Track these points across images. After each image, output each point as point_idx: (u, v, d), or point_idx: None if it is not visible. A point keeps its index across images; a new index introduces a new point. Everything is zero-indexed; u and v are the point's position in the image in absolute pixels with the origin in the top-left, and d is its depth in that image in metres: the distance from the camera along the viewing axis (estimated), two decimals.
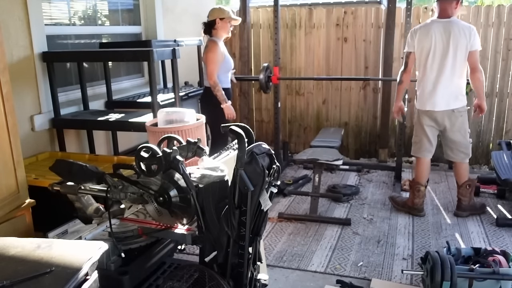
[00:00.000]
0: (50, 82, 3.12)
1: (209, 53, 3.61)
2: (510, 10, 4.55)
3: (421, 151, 3.54)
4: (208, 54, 3.61)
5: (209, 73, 3.61)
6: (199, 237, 1.66)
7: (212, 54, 3.60)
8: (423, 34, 3.36)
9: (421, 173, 3.57)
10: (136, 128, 3.08)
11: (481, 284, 2.26)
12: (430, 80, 3.38)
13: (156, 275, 1.88)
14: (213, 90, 3.61)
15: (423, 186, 3.57)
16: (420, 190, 3.56)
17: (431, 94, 3.38)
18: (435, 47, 3.32)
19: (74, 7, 3.73)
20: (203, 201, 1.61)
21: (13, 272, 1.20)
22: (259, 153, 1.59)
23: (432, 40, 3.32)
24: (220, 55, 3.64)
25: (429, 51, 3.34)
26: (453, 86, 3.36)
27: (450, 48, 3.28)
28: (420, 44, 3.38)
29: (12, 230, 1.95)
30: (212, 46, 3.62)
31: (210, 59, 3.60)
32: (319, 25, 5.18)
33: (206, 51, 3.65)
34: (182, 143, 1.92)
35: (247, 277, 1.66)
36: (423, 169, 3.56)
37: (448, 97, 3.36)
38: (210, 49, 3.62)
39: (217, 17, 3.66)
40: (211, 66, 3.59)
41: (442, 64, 3.32)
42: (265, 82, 4.44)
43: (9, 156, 1.99)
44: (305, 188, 4.33)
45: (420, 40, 3.38)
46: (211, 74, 3.59)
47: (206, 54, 3.63)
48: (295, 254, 3.06)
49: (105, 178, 1.78)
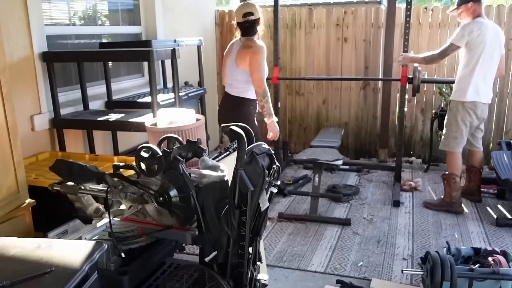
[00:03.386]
0: (50, 82, 3.11)
1: (258, 56, 3.06)
2: (510, 10, 4.55)
3: (459, 146, 3.63)
4: (256, 57, 3.06)
5: (258, 79, 3.07)
6: (199, 237, 1.66)
7: (260, 57, 3.07)
8: (483, 32, 3.44)
9: (457, 166, 3.66)
10: (136, 128, 3.08)
11: (481, 284, 2.26)
12: (482, 75, 3.50)
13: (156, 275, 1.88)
14: (261, 100, 3.10)
15: (458, 177, 3.64)
16: (456, 181, 3.63)
17: (478, 86, 3.51)
18: (491, 46, 3.46)
19: (74, 7, 3.73)
20: (203, 201, 1.61)
21: (13, 272, 1.20)
22: (259, 153, 1.59)
23: (488, 38, 3.44)
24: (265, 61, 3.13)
25: (485, 48, 3.44)
26: (492, 83, 3.62)
27: (496, 49, 3.49)
28: (478, 39, 3.44)
29: (12, 230, 1.95)
30: (260, 48, 3.10)
31: (259, 64, 3.06)
32: (319, 25, 5.18)
33: (252, 53, 3.09)
34: (182, 143, 1.92)
35: (247, 277, 1.66)
36: (459, 162, 3.67)
37: (490, 92, 3.60)
38: (257, 51, 3.08)
39: (258, 16, 3.14)
40: (260, 72, 3.06)
41: (491, 61, 3.51)
42: None
43: (9, 156, 1.99)
44: (305, 188, 4.33)
45: (480, 36, 3.43)
46: (261, 80, 3.06)
47: (253, 57, 3.07)
48: (295, 254, 3.06)
49: (105, 178, 1.78)
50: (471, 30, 3.44)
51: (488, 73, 3.52)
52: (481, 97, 3.53)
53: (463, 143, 3.64)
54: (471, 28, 3.44)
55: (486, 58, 3.47)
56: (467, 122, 3.57)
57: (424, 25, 4.81)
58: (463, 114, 3.55)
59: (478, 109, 3.54)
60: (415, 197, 4.07)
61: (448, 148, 3.67)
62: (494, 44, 3.47)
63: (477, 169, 3.84)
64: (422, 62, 3.79)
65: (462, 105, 3.54)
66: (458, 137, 3.60)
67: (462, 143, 3.63)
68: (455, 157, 3.65)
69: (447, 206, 3.68)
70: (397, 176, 4.38)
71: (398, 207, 3.84)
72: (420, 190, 4.23)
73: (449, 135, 3.64)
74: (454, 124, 3.61)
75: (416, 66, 4.03)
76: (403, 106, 4.35)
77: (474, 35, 3.43)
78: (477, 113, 3.55)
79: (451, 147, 3.64)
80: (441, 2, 12.70)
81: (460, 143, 3.62)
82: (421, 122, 5.09)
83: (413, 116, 5.10)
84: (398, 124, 4.67)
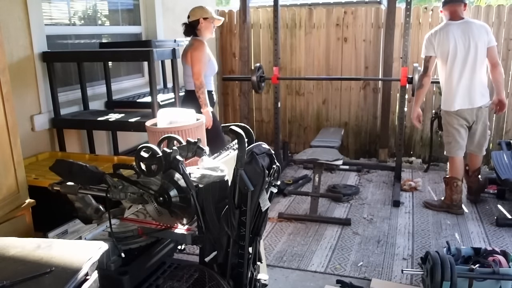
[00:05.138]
0: (50, 82, 3.12)
1: (196, 52, 3.37)
2: (510, 10, 4.55)
3: (454, 150, 3.60)
4: (195, 53, 3.37)
5: (195, 73, 3.35)
6: (199, 237, 1.66)
7: (199, 53, 3.37)
8: (443, 37, 3.43)
9: (457, 170, 3.63)
10: (136, 128, 3.08)
11: (481, 284, 2.26)
12: (455, 81, 3.46)
13: (156, 275, 1.88)
14: (197, 91, 3.34)
15: (460, 181, 3.63)
16: (458, 185, 3.62)
17: (458, 94, 3.47)
18: (456, 48, 3.41)
19: (74, 7, 3.73)
20: (203, 201, 1.61)
21: (13, 272, 1.20)
22: (259, 153, 1.59)
23: (452, 41, 3.40)
24: (206, 56, 3.43)
25: (451, 52, 3.42)
26: (477, 84, 3.47)
27: (471, 48, 3.40)
28: (441, 47, 3.44)
29: (12, 230, 1.95)
30: (199, 45, 3.40)
31: (197, 58, 3.35)
32: (319, 25, 5.18)
33: (192, 49, 3.40)
34: (182, 143, 1.92)
35: (247, 277, 1.66)
36: (458, 166, 3.64)
37: (474, 95, 3.47)
38: (196, 47, 3.39)
39: (200, 16, 3.43)
40: (198, 65, 3.35)
41: (465, 63, 3.43)
42: (257, 82, 4.47)
43: (9, 156, 1.99)
44: (305, 188, 4.33)
45: (441, 43, 3.44)
46: (198, 73, 3.34)
47: (192, 52, 3.38)
48: (295, 254, 3.06)
49: (105, 178, 1.78)
50: (430, 39, 3.50)
51: (467, 75, 3.43)
52: (465, 103, 3.46)
53: (460, 147, 3.58)
54: (434, 35, 3.49)
55: (459, 61, 3.42)
56: (455, 126, 3.53)
57: (424, 25, 4.81)
58: (450, 119, 3.56)
59: (465, 114, 3.50)
60: (415, 197, 4.07)
61: (447, 153, 3.68)
62: (465, 44, 3.39)
63: (473, 173, 3.80)
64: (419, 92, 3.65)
65: (447, 113, 3.56)
66: (452, 142, 3.58)
67: (458, 147, 3.58)
68: (454, 161, 3.63)
69: (447, 208, 3.68)
70: (397, 176, 4.37)
71: (398, 207, 3.83)
72: (420, 190, 4.23)
73: (445, 141, 3.68)
74: (445, 130, 3.64)
75: (416, 66, 4.03)
76: (403, 106, 4.35)
77: (435, 43, 3.46)
78: (464, 117, 3.51)
79: (448, 152, 3.66)
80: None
81: (454, 147, 3.58)
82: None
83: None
84: (398, 124, 4.67)
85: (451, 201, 3.66)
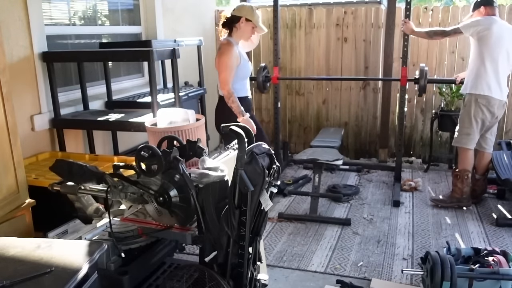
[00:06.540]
0: (50, 82, 3.11)
1: (222, 57, 3.07)
2: (510, 10, 4.55)
3: (471, 143, 3.62)
4: (221, 59, 3.07)
5: (221, 81, 3.09)
6: (199, 237, 1.66)
7: (225, 58, 3.05)
8: (492, 27, 3.44)
9: (470, 162, 3.67)
10: (136, 128, 3.08)
11: (481, 284, 2.26)
12: (493, 70, 3.48)
13: (156, 275, 1.88)
14: (227, 101, 3.07)
15: (470, 173, 3.66)
16: (468, 177, 3.65)
17: (494, 83, 3.49)
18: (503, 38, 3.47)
19: (74, 7, 3.73)
20: (203, 201, 1.61)
21: (13, 272, 1.20)
22: (259, 153, 1.59)
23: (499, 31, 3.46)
24: (235, 59, 3.10)
25: (500, 44, 3.46)
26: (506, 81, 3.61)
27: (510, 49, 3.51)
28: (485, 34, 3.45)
29: (12, 230, 1.95)
30: (226, 49, 3.08)
31: (223, 64, 3.06)
32: (319, 25, 5.18)
33: (218, 54, 3.11)
34: (182, 143, 1.92)
35: (247, 277, 1.66)
36: (471, 158, 3.67)
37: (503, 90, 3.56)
38: (223, 52, 3.08)
39: (244, 16, 3.10)
40: (224, 73, 3.05)
41: (509, 58, 3.52)
42: (262, 82, 4.45)
43: (9, 156, 1.99)
44: (305, 188, 4.33)
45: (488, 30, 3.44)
46: (224, 82, 3.06)
47: (219, 58, 3.09)
48: (295, 254, 3.06)
49: (105, 178, 1.78)
50: (478, 23, 3.49)
51: (501, 70, 3.49)
52: (492, 92, 3.49)
53: (475, 140, 3.62)
54: (479, 21, 3.49)
55: (500, 55, 3.47)
56: (478, 119, 3.55)
57: (424, 25, 4.81)
58: (476, 110, 3.54)
59: (491, 105, 3.51)
60: (415, 197, 4.07)
61: (460, 145, 3.66)
62: (510, 40, 3.47)
63: (482, 174, 3.82)
64: (425, 36, 3.84)
65: (475, 100, 3.53)
66: (471, 133, 3.59)
67: (475, 140, 3.62)
68: (467, 153, 3.64)
69: (457, 202, 3.69)
70: (397, 176, 4.37)
71: (398, 207, 3.83)
72: (420, 190, 4.23)
73: (462, 131, 3.64)
74: (466, 120, 3.60)
75: (423, 66, 4.03)
76: (403, 106, 4.35)
77: (480, 28, 3.46)
78: (490, 109, 3.52)
79: (463, 143, 3.64)
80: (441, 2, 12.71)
81: (472, 139, 3.61)
82: (421, 122, 5.09)
83: (413, 116, 5.10)
84: (398, 124, 4.66)
85: (461, 194, 3.67)
